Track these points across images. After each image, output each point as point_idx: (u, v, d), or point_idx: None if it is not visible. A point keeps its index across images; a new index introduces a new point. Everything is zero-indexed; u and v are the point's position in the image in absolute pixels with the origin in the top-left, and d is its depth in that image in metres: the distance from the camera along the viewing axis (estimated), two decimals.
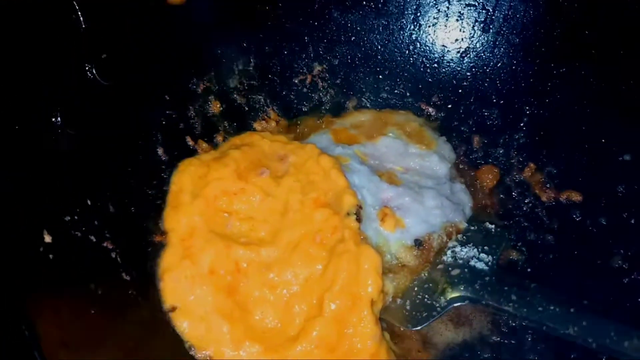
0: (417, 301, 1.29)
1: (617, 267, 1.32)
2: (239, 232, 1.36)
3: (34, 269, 0.97)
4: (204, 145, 1.50)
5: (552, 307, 1.15)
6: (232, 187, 1.40)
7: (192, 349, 1.19)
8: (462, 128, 1.67)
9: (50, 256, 1.01)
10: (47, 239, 1.02)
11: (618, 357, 1.04)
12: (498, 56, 1.62)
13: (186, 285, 1.25)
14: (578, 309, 1.13)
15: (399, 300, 1.31)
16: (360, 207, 1.38)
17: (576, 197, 1.47)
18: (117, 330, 1.04)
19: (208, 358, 1.19)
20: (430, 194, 1.44)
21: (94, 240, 1.14)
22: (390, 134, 1.61)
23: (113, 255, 1.18)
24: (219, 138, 1.55)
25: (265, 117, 1.64)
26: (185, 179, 1.42)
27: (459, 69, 1.67)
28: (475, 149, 1.65)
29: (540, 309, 1.16)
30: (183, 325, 1.22)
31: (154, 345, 1.13)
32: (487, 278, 1.29)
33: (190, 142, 1.48)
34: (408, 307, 1.29)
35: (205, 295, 1.24)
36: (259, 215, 1.38)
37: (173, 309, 1.21)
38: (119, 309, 1.11)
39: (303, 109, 1.70)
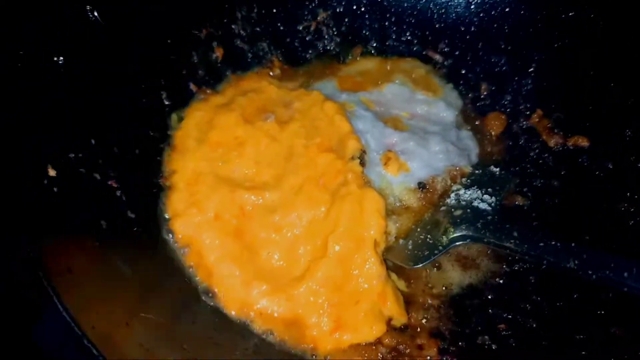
0: (420, 241, 1.30)
1: (623, 210, 1.31)
2: (244, 177, 1.36)
3: (37, 199, 0.98)
4: (208, 91, 1.50)
5: (552, 242, 1.15)
6: (238, 132, 1.40)
7: (201, 288, 1.21)
8: (470, 75, 1.65)
9: (55, 189, 1.02)
10: (52, 172, 1.03)
11: (619, 288, 1.04)
12: (506, 0, 1.58)
13: (194, 232, 1.26)
14: (579, 243, 1.13)
15: (401, 241, 1.32)
16: (364, 152, 1.38)
17: (583, 142, 1.46)
18: (122, 263, 1.06)
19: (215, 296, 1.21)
20: (436, 139, 1.44)
21: (99, 178, 1.15)
22: (397, 81, 1.60)
23: (118, 193, 1.18)
24: (224, 85, 1.54)
25: (269, 64, 1.62)
26: (191, 124, 1.42)
27: (466, 14, 1.63)
28: (482, 96, 1.63)
29: (541, 244, 1.16)
30: (194, 266, 1.24)
31: (160, 280, 1.15)
32: (489, 217, 1.29)
33: (194, 88, 1.47)
34: (410, 247, 1.29)
35: (213, 240, 1.25)
36: (264, 159, 1.38)
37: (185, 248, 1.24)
38: (124, 243, 1.12)
39: (307, 57, 1.68)
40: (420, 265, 1.27)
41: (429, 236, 1.30)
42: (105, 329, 0.88)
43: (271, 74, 1.61)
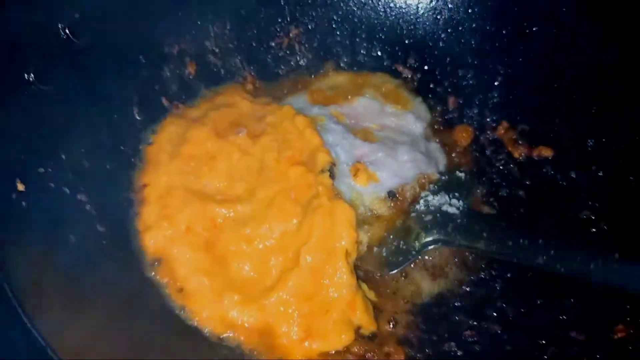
0: (393, 248, 1.34)
1: (585, 218, 1.36)
2: (216, 190, 1.38)
3: (5, 213, 1.00)
4: (181, 106, 1.52)
5: (521, 241, 1.19)
6: (210, 146, 1.42)
7: (172, 301, 1.22)
8: (438, 89, 1.69)
9: (24, 203, 1.04)
10: (20, 187, 1.05)
11: (586, 279, 1.09)
12: (472, 17, 1.63)
13: (165, 245, 1.28)
14: (546, 240, 1.18)
15: (375, 249, 1.35)
16: (334, 164, 1.41)
17: (547, 152, 1.50)
18: (90, 276, 1.07)
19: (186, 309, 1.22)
20: (404, 148, 1.48)
21: (68, 192, 1.17)
22: (367, 95, 1.64)
23: (87, 207, 1.20)
24: (197, 100, 1.57)
25: (242, 79, 1.65)
26: (164, 138, 1.44)
27: (434, 30, 1.68)
28: (450, 109, 1.67)
29: (510, 243, 1.21)
30: (164, 279, 1.25)
31: (131, 294, 1.16)
32: (458, 220, 1.34)
33: (166, 103, 1.50)
34: (385, 254, 1.34)
35: (183, 253, 1.27)
36: (236, 173, 1.40)
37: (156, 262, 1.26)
38: (93, 257, 1.13)
39: (280, 72, 1.71)
40: (396, 270, 1.31)
41: (401, 242, 1.34)
42: (74, 343, 0.89)
43: (244, 88, 1.63)
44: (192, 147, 1.41)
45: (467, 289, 1.34)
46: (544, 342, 1.16)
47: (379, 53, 1.73)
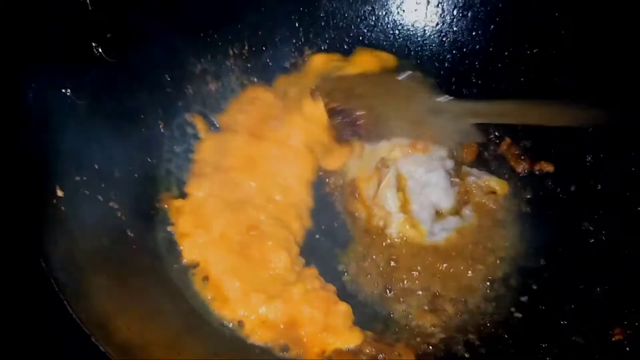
0: None
1: (584, 229, 1.43)
2: (252, 195, 1.46)
3: (48, 216, 1.08)
4: (203, 121, 1.60)
5: None
6: (250, 150, 1.51)
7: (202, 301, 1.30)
8: None
9: (62, 208, 1.12)
10: (59, 193, 1.14)
11: None
12: (476, 39, 1.73)
13: (200, 250, 1.36)
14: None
15: None
16: None
17: (548, 167, 1.58)
18: (122, 277, 1.15)
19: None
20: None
21: (101, 199, 1.25)
22: None
23: (119, 214, 1.28)
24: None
25: None
26: (205, 151, 1.54)
27: (440, 51, 1.78)
28: None
29: None
30: (195, 282, 1.33)
31: (163, 297, 1.25)
32: None
33: (189, 119, 1.58)
34: None
35: (216, 257, 1.35)
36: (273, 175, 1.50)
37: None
38: (124, 260, 1.21)
39: None
40: None
41: None
42: (118, 337, 0.97)
43: None
44: (233, 159, 1.50)
45: None
46: (546, 345, 1.23)
47: None
